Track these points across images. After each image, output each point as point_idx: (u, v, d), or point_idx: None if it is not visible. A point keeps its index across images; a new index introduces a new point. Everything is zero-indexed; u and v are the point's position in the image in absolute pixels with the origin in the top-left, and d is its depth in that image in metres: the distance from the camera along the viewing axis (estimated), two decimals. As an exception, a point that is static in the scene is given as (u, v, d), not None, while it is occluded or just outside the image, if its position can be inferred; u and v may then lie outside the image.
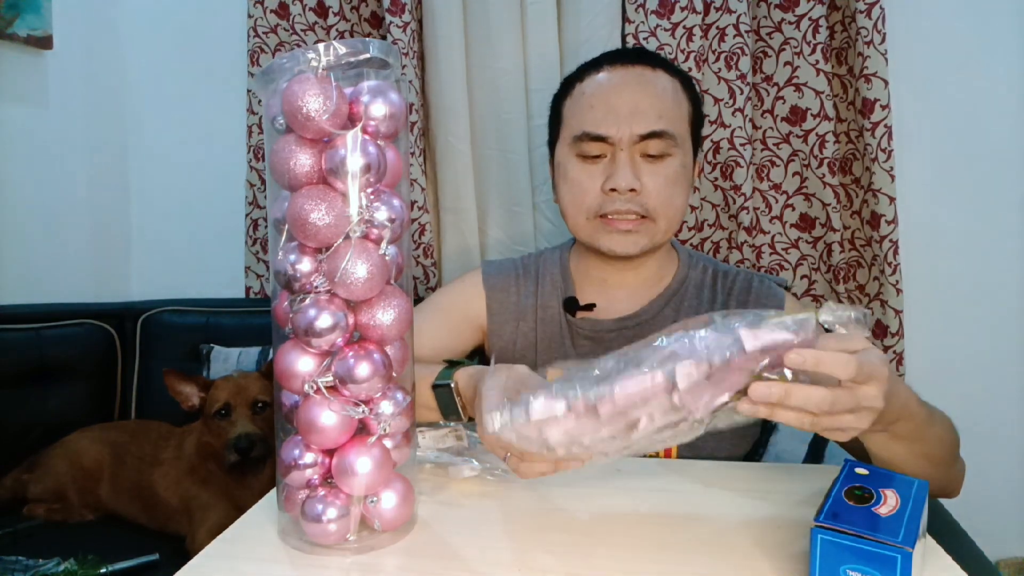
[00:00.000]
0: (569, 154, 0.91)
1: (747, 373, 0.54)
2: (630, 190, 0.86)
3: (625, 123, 0.86)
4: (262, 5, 1.53)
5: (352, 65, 0.57)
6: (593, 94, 0.89)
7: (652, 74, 0.89)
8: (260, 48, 1.54)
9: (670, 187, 0.88)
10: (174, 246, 1.76)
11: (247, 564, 0.59)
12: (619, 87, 0.88)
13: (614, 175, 0.86)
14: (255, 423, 1.16)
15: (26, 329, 1.43)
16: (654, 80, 0.88)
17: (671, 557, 0.59)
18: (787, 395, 0.52)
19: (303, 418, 0.59)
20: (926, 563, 0.55)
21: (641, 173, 0.87)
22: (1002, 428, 1.48)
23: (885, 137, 1.34)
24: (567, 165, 0.91)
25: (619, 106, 0.86)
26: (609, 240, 0.89)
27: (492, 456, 0.75)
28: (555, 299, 0.98)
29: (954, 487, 0.77)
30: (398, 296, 0.60)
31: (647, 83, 0.88)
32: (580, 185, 0.89)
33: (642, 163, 0.87)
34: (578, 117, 0.90)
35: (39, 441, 1.37)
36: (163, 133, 1.73)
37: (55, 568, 1.06)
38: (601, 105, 0.87)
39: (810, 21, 1.36)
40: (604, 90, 0.88)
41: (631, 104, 0.86)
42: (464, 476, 0.75)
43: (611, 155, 0.88)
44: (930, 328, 1.47)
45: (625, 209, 0.87)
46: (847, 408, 0.53)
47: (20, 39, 1.49)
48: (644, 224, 0.88)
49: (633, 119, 0.86)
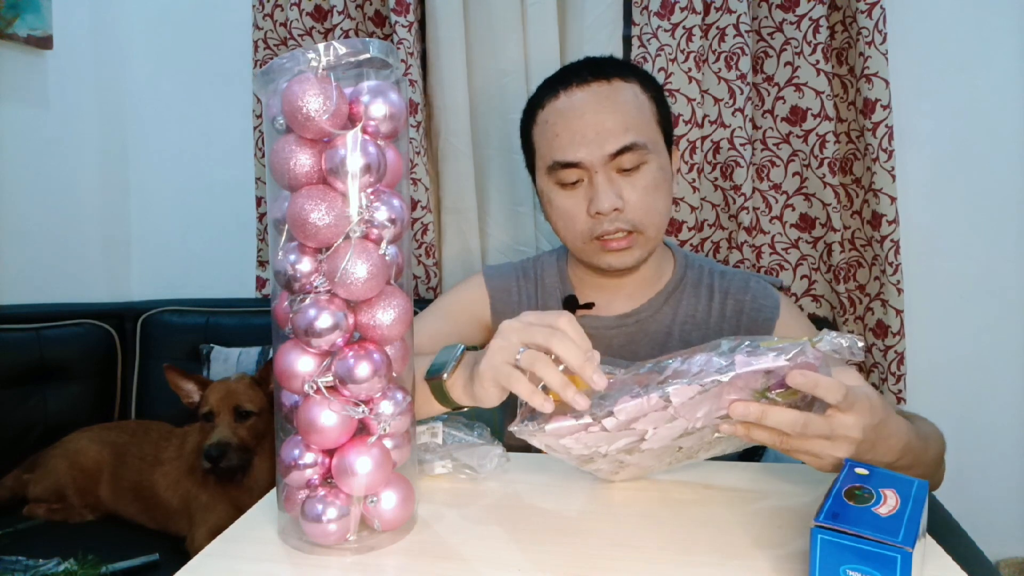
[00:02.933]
0: (549, 183, 0.90)
1: (747, 392, 0.58)
2: (614, 209, 0.85)
3: (595, 145, 0.84)
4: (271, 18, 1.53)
5: (352, 65, 0.57)
6: (555, 122, 0.87)
7: (609, 88, 0.86)
8: (271, 59, 1.55)
9: (651, 195, 0.87)
10: (174, 246, 1.76)
11: (247, 564, 0.59)
12: (579, 110, 0.86)
13: (595, 199, 0.85)
14: (236, 431, 1.15)
15: (26, 329, 1.44)
16: (612, 94, 0.86)
17: (671, 557, 0.59)
18: (764, 415, 0.57)
19: (303, 418, 0.59)
20: (926, 563, 0.55)
21: (621, 190, 0.86)
22: (1002, 428, 1.48)
23: (886, 137, 1.34)
24: (550, 194, 0.91)
25: (583, 130, 0.85)
26: (608, 258, 0.89)
27: (464, 454, 0.76)
28: (555, 300, 0.99)
29: (937, 481, 0.79)
30: (398, 296, 0.60)
31: (605, 99, 0.86)
32: (567, 212, 0.89)
33: (619, 179, 0.86)
34: (546, 146, 0.89)
35: (39, 441, 1.37)
36: (163, 133, 1.74)
37: (55, 568, 1.06)
38: (565, 132, 0.86)
39: (811, 21, 1.36)
40: (565, 116, 0.87)
41: (595, 125, 0.85)
42: (436, 473, 0.76)
43: (588, 178, 0.87)
44: (930, 328, 1.47)
45: (614, 228, 0.86)
46: (820, 433, 0.57)
47: (20, 39, 1.49)
48: (634, 238, 0.88)
49: (600, 139, 0.84)
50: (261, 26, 1.54)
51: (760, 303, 0.94)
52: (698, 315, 0.95)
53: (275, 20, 1.54)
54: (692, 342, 0.93)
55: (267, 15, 1.53)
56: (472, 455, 0.76)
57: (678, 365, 0.60)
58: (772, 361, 0.56)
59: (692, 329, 0.95)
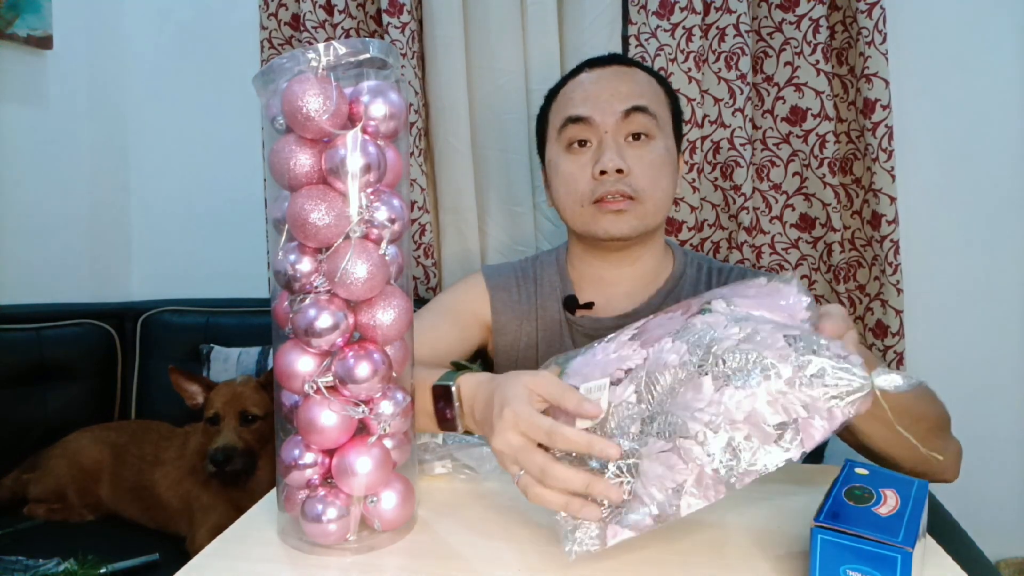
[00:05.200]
0: (558, 149, 0.94)
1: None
2: (617, 171, 0.88)
3: (607, 104, 0.90)
4: (276, 17, 1.53)
5: (352, 65, 0.57)
6: (573, 90, 0.94)
7: (628, 70, 0.95)
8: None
9: (656, 169, 0.91)
10: (174, 246, 1.76)
11: (247, 564, 0.59)
12: (598, 80, 0.93)
13: (601, 158, 0.89)
14: (241, 435, 1.14)
15: (26, 329, 1.44)
16: (631, 73, 0.94)
17: (671, 558, 0.59)
18: None
19: (303, 418, 0.59)
20: (926, 563, 0.55)
21: (627, 156, 0.90)
22: (1002, 428, 1.48)
23: (886, 137, 1.34)
24: (557, 160, 0.95)
25: (599, 92, 0.91)
26: (603, 222, 0.91)
27: (464, 454, 0.76)
28: (554, 299, 0.99)
29: (946, 465, 0.76)
30: (398, 296, 0.60)
31: (624, 74, 0.94)
32: (571, 175, 0.92)
33: (627, 147, 0.91)
34: (561, 109, 0.95)
35: (39, 441, 1.37)
36: (163, 133, 1.73)
37: (55, 568, 1.06)
38: (579, 94, 0.93)
39: (810, 21, 1.36)
40: (584, 84, 0.94)
41: (611, 89, 0.91)
42: (435, 473, 0.75)
43: (597, 142, 0.91)
44: (930, 328, 1.47)
45: (615, 190, 0.89)
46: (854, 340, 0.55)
47: (20, 39, 1.49)
48: (633, 205, 0.90)
49: (614, 100, 0.90)
50: (266, 25, 1.54)
51: None
52: None
53: (279, 19, 1.54)
54: None
55: (272, 15, 1.53)
56: (472, 455, 0.76)
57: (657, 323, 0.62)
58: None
59: None
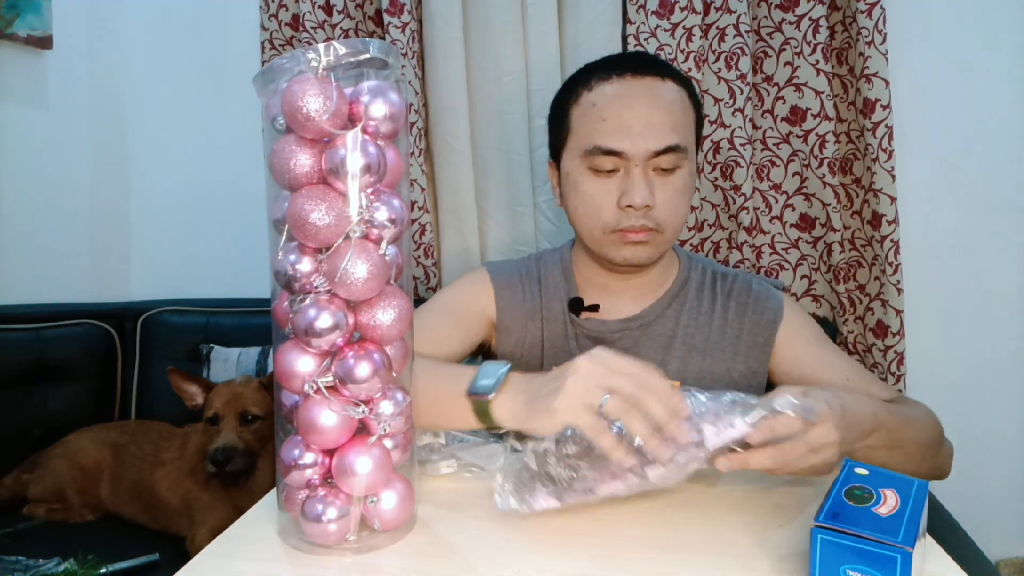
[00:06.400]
0: (580, 166, 0.90)
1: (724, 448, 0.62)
2: (645, 206, 0.86)
3: (640, 138, 0.85)
4: (276, 19, 1.53)
5: (352, 65, 0.57)
6: (604, 106, 0.87)
7: (662, 85, 0.87)
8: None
9: (679, 198, 0.88)
10: (174, 246, 1.76)
11: (247, 564, 0.59)
12: (631, 100, 0.86)
13: (629, 191, 0.85)
14: (241, 435, 1.14)
15: (26, 329, 1.44)
16: (664, 93, 0.87)
17: (671, 557, 0.59)
18: (745, 463, 0.61)
19: (303, 418, 0.59)
20: (926, 563, 0.55)
21: (655, 188, 0.86)
22: (1002, 428, 1.48)
23: (886, 137, 1.34)
24: (578, 178, 0.90)
25: (632, 121, 0.85)
26: (624, 251, 0.89)
27: (467, 453, 0.76)
28: (558, 300, 0.98)
29: (943, 470, 0.82)
30: (398, 296, 0.60)
31: (658, 97, 0.87)
32: (595, 200, 0.89)
33: (655, 178, 0.87)
34: (588, 129, 0.88)
35: (39, 441, 1.37)
36: (163, 133, 1.73)
37: (55, 568, 1.06)
38: (613, 119, 0.86)
39: (810, 21, 1.36)
40: (615, 104, 0.87)
41: (644, 118, 0.85)
42: (441, 473, 0.75)
43: (625, 170, 0.87)
44: (930, 328, 1.47)
45: (639, 225, 0.87)
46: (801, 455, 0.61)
47: (20, 39, 1.49)
48: (652, 235, 0.88)
49: (647, 134, 0.85)
50: (267, 27, 1.54)
51: (763, 305, 0.94)
52: (701, 318, 0.95)
53: (280, 20, 1.54)
54: (695, 346, 0.94)
55: (272, 16, 1.53)
56: (478, 454, 0.76)
57: None
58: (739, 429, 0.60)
59: (695, 332, 0.95)
